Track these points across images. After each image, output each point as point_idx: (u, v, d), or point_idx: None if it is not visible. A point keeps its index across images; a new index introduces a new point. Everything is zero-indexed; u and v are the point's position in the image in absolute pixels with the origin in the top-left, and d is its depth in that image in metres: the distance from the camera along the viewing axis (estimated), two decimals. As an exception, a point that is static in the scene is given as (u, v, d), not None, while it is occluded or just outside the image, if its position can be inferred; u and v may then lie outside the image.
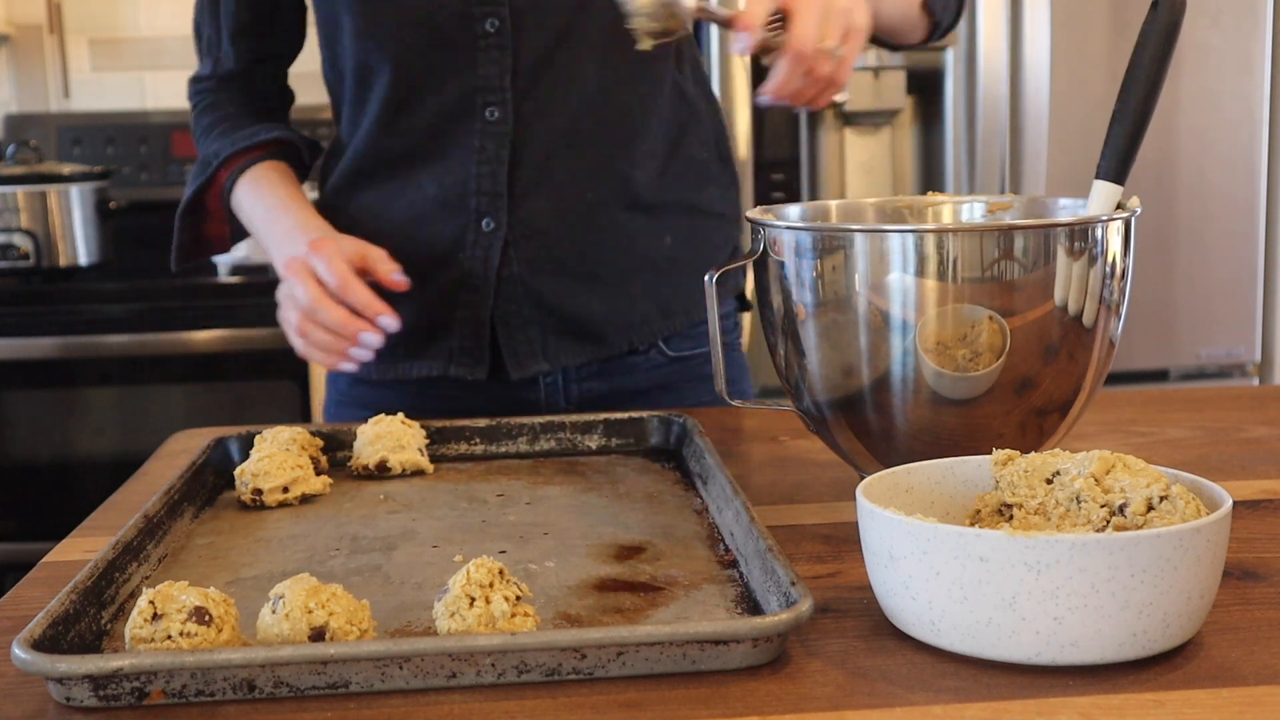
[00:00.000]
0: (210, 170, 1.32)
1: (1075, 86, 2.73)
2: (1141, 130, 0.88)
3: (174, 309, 2.74)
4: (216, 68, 1.36)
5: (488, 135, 1.25)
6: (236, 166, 1.32)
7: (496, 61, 1.24)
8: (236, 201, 1.32)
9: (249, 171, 1.31)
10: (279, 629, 0.67)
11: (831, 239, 0.87)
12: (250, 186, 1.31)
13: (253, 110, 1.37)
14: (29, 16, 3.22)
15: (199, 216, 1.37)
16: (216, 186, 1.33)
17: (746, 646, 0.66)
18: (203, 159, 1.34)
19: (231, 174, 1.32)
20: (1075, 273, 0.85)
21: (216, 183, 1.33)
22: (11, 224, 2.83)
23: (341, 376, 1.38)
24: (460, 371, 1.29)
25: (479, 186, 1.26)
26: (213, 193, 1.34)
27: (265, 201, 1.30)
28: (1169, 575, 0.64)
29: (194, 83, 1.38)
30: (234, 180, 1.31)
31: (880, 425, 0.89)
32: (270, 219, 1.28)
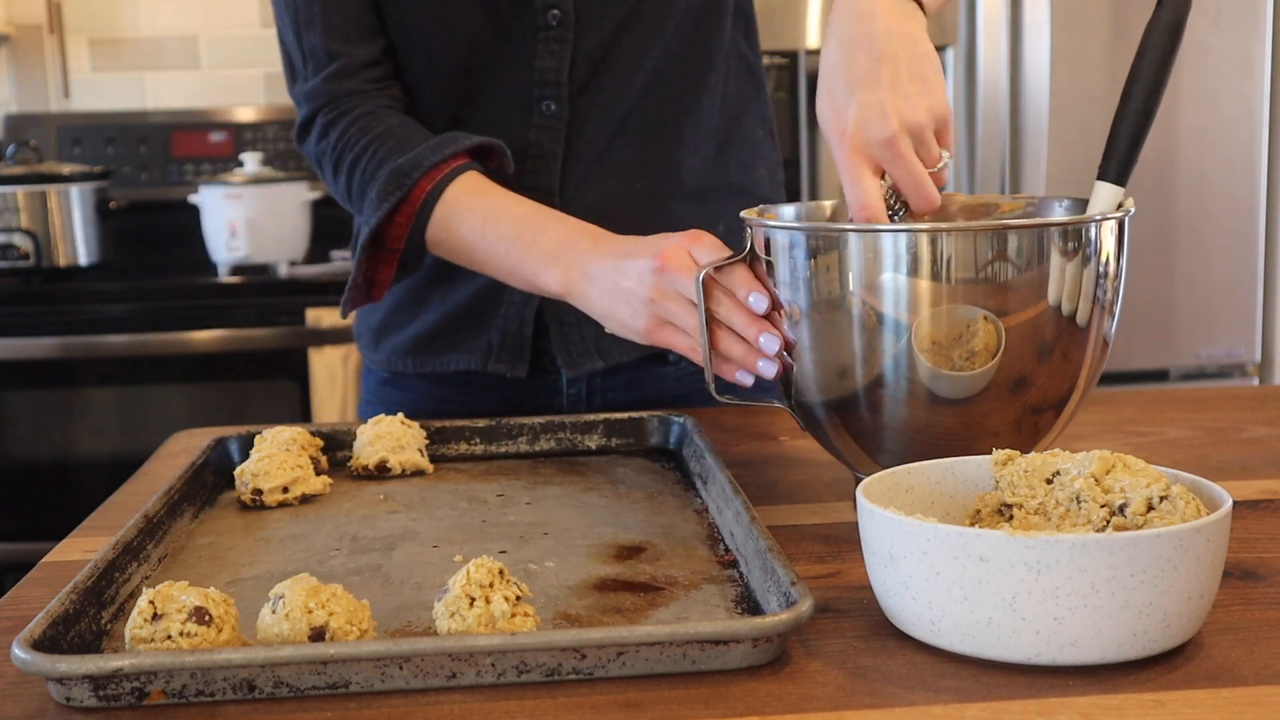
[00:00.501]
0: (408, 185, 1.13)
1: (1075, 86, 2.73)
2: (1144, 131, 0.88)
3: (174, 309, 2.74)
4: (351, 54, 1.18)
5: (543, 130, 1.22)
6: (440, 178, 1.13)
7: (555, 55, 1.20)
8: (450, 220, 1.13)
9: (457, 184, 1.13)
10: (279, 629, 0.67)
11: (825, 238, 0.87)
12: (471, 200, 1.13)
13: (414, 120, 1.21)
14: (29, 16, 3.22)
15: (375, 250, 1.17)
16: (411, 204, 1.13)
17: (746, 646, 0.66)
18: (393, 173, 1.13)
19: (435, 186, 1.13)
20: (1069, 273, 0.85)
21: (413, 200, 1.13)
22: (11, 224, 2.83)
23: (371, 375, 1.37)
24: (499, 368, 1.26)
25: (532, 182, 1.22)
26: (402, 215, 1.14)
27: (507, 211, 1.11)
28: (1169, 575, 0.64)
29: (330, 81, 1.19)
30: (438, 194, 1.13)
31: (874, 425, 0.89)
32: (529, 230, 1.09)
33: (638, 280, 0.98)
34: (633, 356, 1.28)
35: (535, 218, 1.10)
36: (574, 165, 1.24)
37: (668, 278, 0.96)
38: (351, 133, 1.18)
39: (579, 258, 1.04)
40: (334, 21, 1.18)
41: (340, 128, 1.18)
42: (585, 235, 1.07)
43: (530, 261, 1.08)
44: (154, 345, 2.73)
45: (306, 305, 2.72)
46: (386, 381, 1.35)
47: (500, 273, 1.12)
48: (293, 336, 2.73)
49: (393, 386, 1.35)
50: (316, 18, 1.18)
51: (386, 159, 1.15)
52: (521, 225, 1.10)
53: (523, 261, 1.09)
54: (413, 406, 1.32)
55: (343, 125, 1.18)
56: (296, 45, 1.20)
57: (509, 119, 1.22)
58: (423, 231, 1.14)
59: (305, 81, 1.20)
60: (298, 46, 1.20)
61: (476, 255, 1.13)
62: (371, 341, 1.35)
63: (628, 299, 0.99)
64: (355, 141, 1.17)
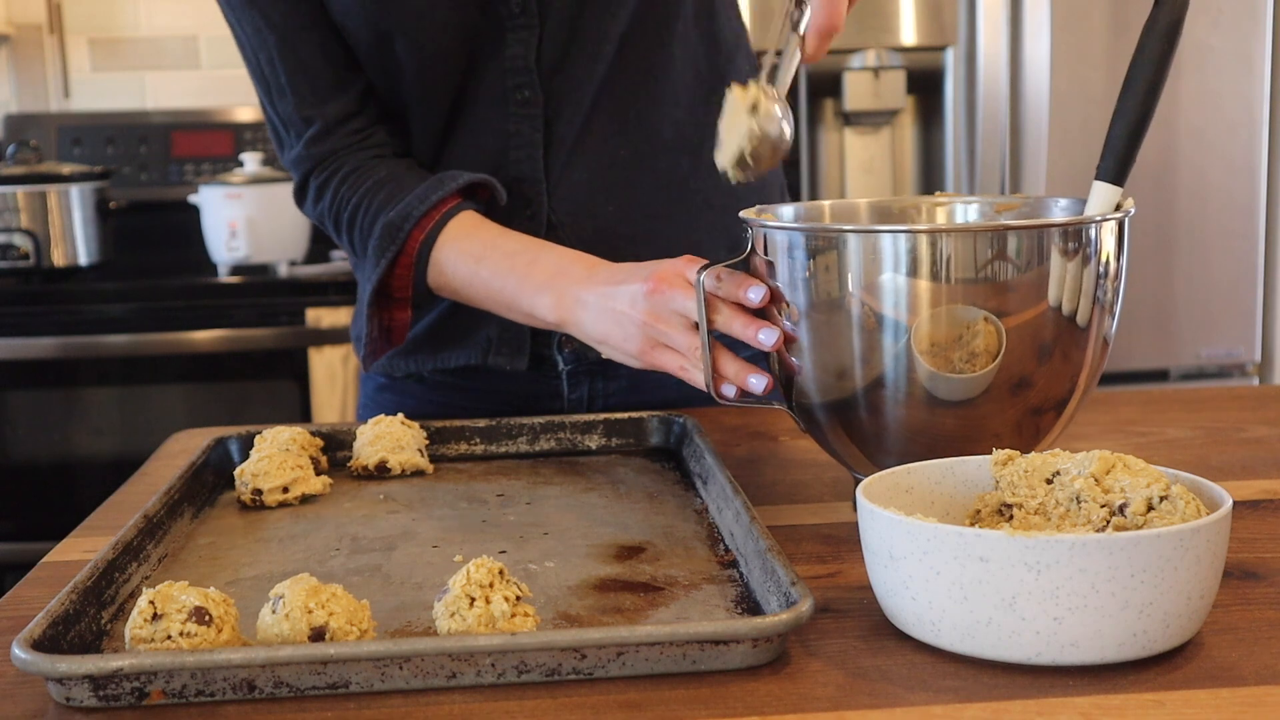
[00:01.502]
0: (402, 237, 1.15)
1: (1075, 86, 2.73)
2: (1142, 131, 0.88)
3: (174, 309, 2.74)
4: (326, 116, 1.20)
5: (521, 119, 1.21)
6: (431, 226, 1.15)
7: (524, 41, 1.20)
8: (445, 263, 1.15)
9: (450, 227, 1.15)
10: (279, 629, 0.67)
11: (824, 239, 0.87)
12: (463, 241, 1.15)
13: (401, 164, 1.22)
14: (29, 16, 3.22)
15: (383, 301, 1.19)
16: (409, 255, 1.16)
17: (746, 646, 0.66)
18: (386, 228, 1.15)
19: (428, 235, 1.15)
20: (1069, 273, 0.85)
21: (409, 251, 1.16)
22: (11, 224, 2.83)
23: (369, 380, 1.36)
24: (499, 361, 1.26)
25: (518, 173, 1.22)
26: (401, 267, 1.17)
27: (499, 246, 1.13)
28: (1169, 575, 0.64)
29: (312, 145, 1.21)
30: (432, 241, 1.15)
31: (874, 427, 0.89)
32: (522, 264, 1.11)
33: (630, 303, 0.99)
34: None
35: (528, 252, 1.12)
36: (556, 148, 1.23)
37: (661, 299, 0.97)
38: (343, 191, 1.20)
39: (571, 286, 1.06)
40: (301, 87, 1.20)
41: (332, 188, 1.21)
42: (578, 263, 1.08)
43: (524, 293, 1.10)
44: (154, 345, 2.73)
45: (306, 305, 2.72)
46: (384, 387, 1.35)
47: (499, 307, 1.14)
48: (293, 336, 2.73)
49: (390, 391, 1.34)
50: (285, 87, 1.20)
51: (380, 213, 1.17)
52: (515, 260, 1.11)
53: (518, 294, 1.10)
54: (411, 411, 1.32)
55: (334, 185, 1.21)
56: (275, 115, 1.23)
57: (488, 112, 1.22)
58: (424, 278, 1.17)
59: (290, 149, 1.23)
60: (276, 116, 1.22)
61: (475, 294, 1.15)
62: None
63: (621, 322, 1.00)
64: (348, 200, 1.20)
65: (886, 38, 2.82)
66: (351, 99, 1.21)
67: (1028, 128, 2.76)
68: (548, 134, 1.23)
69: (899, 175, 3.03)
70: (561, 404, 1.30)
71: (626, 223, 1.25)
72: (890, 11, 2.81)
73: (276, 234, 2.84)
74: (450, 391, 1.32)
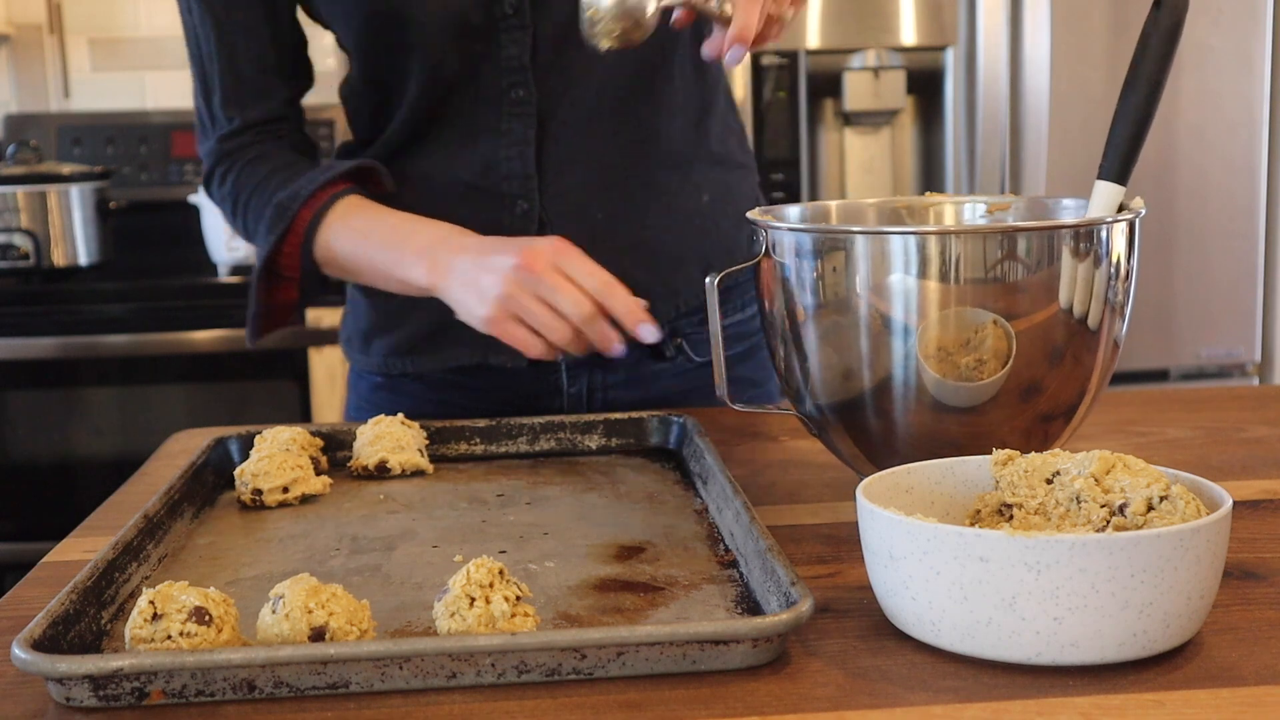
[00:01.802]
0: (290, 215, 1.20)
1: (1075, 86, 2.73)
2: (1144, 131, 0.88)
3: (174, 309, 2.74)
4: (246, 118, 1.26)
5: (514, 117, 1.23)
6: (319, 206, 1.20)
7: (517, 41, 1.22)
8: (331, 241, 1.20)
9: (336, 208, 1.20)
10: (279, 629, 0.67)
11: (832, 240, 0.86)
12: (351, 219, 1.19)
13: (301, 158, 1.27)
14: (29, 16, 3.22)
15: (271, 279, 1.24)
16: (296, 235, 1.20)
17: (746, 646, 0.66)
18: (276, 207, 1.20)
19: (315, 214, 1.20)
20: (1080, 274, 0.84)
21: (296, 230, 1.20)
22: (11, 224, 2.83)
23: (362, 380, 1.37)
24: (500, 359, 1.27)
25: (509, 170, 1.24)
26: (289, 245, 1.21)
27: (383, 222, 1.19)
28: (1169, 575, 0.64)
29: (224, 140, 1.26)
30: (319, 220, 1.20)
31: (881, 430, 0.89)
32: (402, 235, 1.16)
33: (497, 275, 1.06)
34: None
35: (408, 224, 1.18)
36: (551, 147, 1.25)
37: (527, 276, 1.04)
38: (244, 178, 1.26)
39: (445, 254, 1.12)
40: (229, 88, 1.25)
41: (234, 174, 1.26)
42: (455, 234, 1.14)
43: (402, 263, 1.15)
44: (154, 345, 2.73)
45: (307, 305, 2.72)
46: (380, 386, 1.35)
47: (378, 279, 1.19)
48: (293, 336, 2.73)
49: (387, 391, 1.34)
50: (215, 85, 1.26)
51: (273, 195, 1.22)
52: (395, 232, 1.17)
53: (395, 263, 1.16)
54: (409, 410, 1.32)
55: (236, 171, 1.26)
56: (204, 107, 1.28)
57: (480, 110, 1.24)
58: (311, 256, 1.21)
59: (207, 140, 1.28)
60: (204, 106, 1.28)
61: (359, 267, 1.20)
62: (361, 345, 1.35)
63: (481, 290, 1.07)
64: (246, 184, 1.25)
65: (886, 38, 2.82)
66: (274, 105, 1.27)
67: (1028, 128, 2.77)
68: (541, 132, 1.24)
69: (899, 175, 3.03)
70: (561, 399, 1.30)
71: (616, 230, 1.26)
72: (890, 11, 2.81)
73: (276, 234, 2.84)
74: (448, 390, 1.32)
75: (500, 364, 1.27)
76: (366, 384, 1.36)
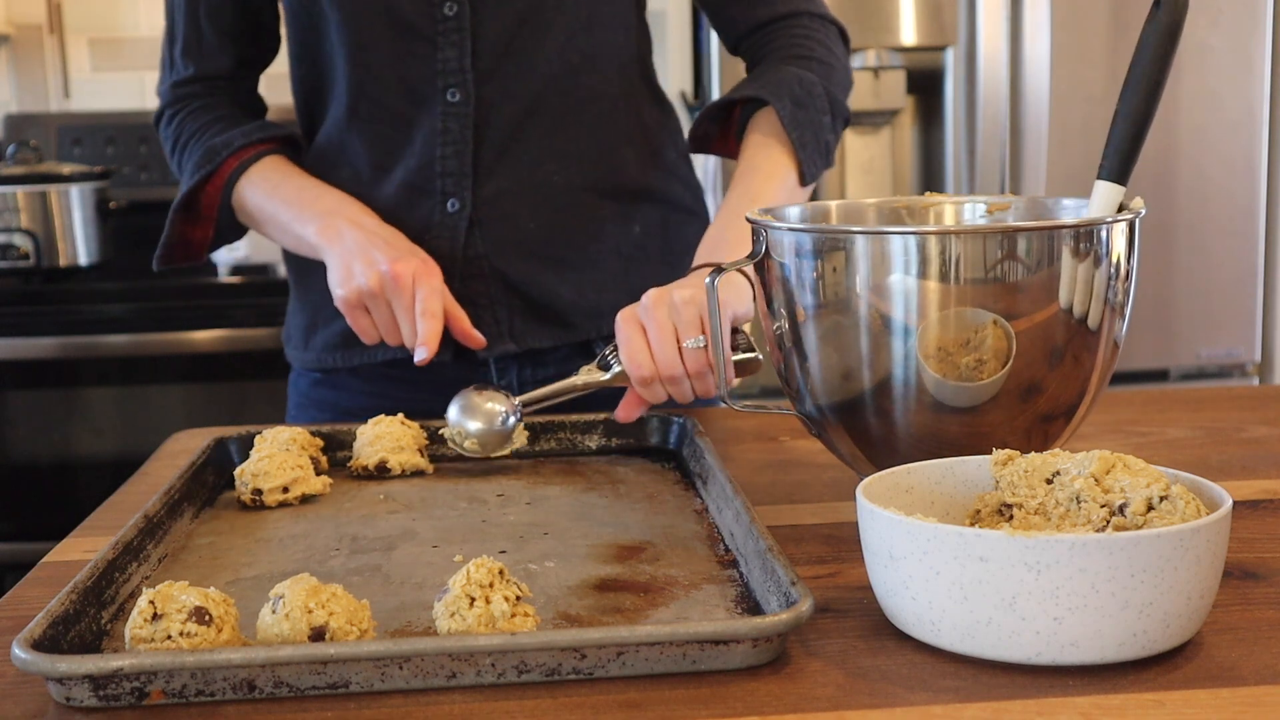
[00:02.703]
0: (218, 159, 1.30)
1: (1075, 86, 2.73)
2: (1143, 131, 0.88)
3: (174, 309, 2.74)
4: (201, 70, 1.35)
5: (450, 116, 1.27)
6: (247, 158, 1.30)
7: (456, 45, 1.26)
8: (246, 189, 1.29)
9: (261, 162, 1.30)
10: (279, 629, 0.67)
11: (832, 240, 0.86)
12: (269, 173, 1.29)
13: (244, 113, 1.37)
14: (29, 16, 3.22)
15: (190, 214, 1.34)
16: (220, 178, 1.30)
17: (746, 646, 0.66)
18: (207, 150, 1.31)
19: (242, 164, 1.30)
20: (1080, 274, 0.84)
21: (221, 173, 1.30)
22: (11, 224, 2.83)
23: (302, 378, 1.41)
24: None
25: (444, 168, 1.28)
26: (212, 186, 1.31)
27: (296, 181, 1.28)
28: (1169, 575, 0.64)
29: (177, 86, 1.36)
30: (243, 169, 1.29)
31: (881, 430, 0.89)
32: (309, 196, 1.26)
33: (368, 266, 1.15)
34: (547, 344, 1.31)
35: (316, 189, 1.27)
36: (485, 151, 1.28)
37: (390, 282, 1.14)
38: (187, 121, 1.35)
39: (339, 220, 1.21)
40: (190, 40, 1.35)
41: (179, 117, 1.35)
42: (354, 207, 1.24)
43: (300, 219, 1.24)
44: (154, 345, 2.73)
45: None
46: (319, 383, 1.38)
47: (277, 231, 1.29)
48: (293, 336, 2.73)
49: (325, 387, 1.37)
50: (178, 34, 1.36)
51: (207, 140, 1.32)
52: (303, 193, 1.27)
53: (295, 219, 1.25)
54: (348, 404, 1.35)
55: (182, 115, 1.35)
56: (167, 51, 1.38)
57: (416, 108, 1.28)
58: (229, 200, 1.31)
59: (164, 82, 1.38)
60: (168, 52, 1.38)
61: (263, 218, 1.29)
62: (301, 341, 1.39)
63: (352, 270, 1.16)
64: (188, 127, 1.34)
65: (886, 38, 2.82)
66: (227, 64, 1.36)
67: (1028, 128, 2.76)
68: (477, 135, 1.28)
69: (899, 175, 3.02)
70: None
71: (546, 241, 1.30)
72: (890, 11, 2.81)
73: (276, 234, 2.84)
74: (382, 382, 1.34)
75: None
76: (306, 381, 1.40)
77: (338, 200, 1.25)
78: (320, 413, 1.37)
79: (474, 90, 1.27)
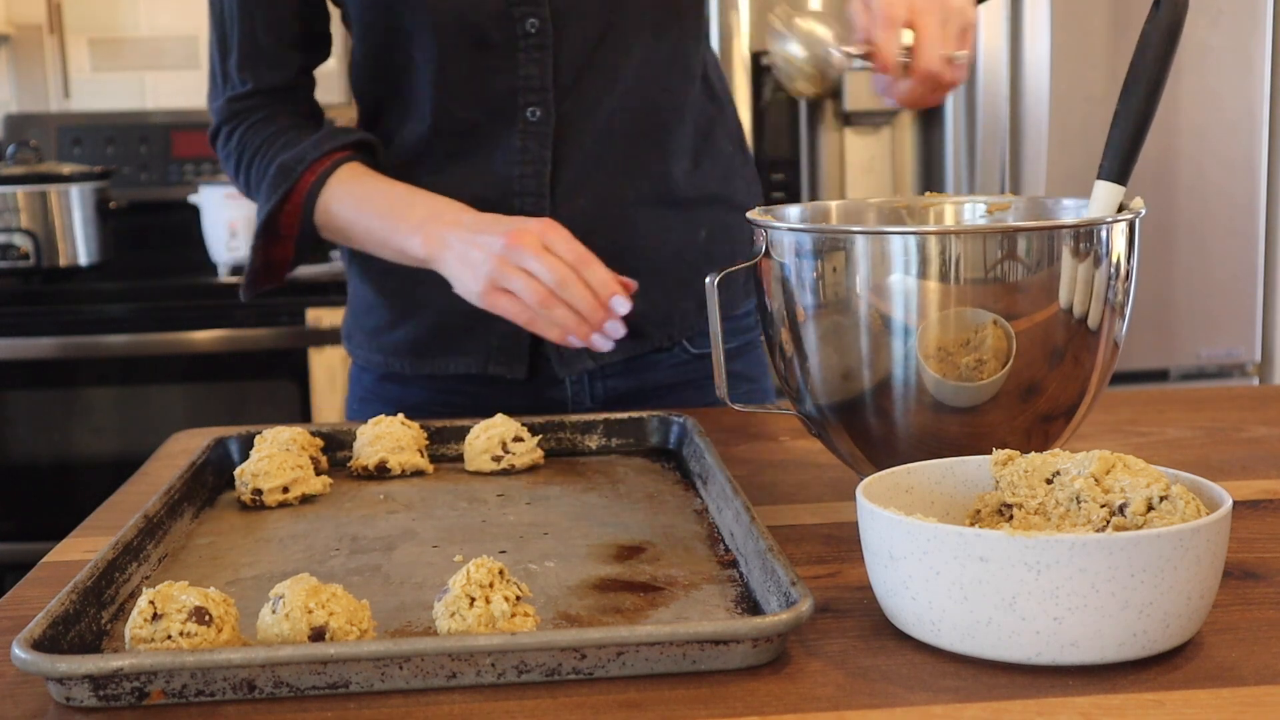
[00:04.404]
0: (294, 176, 1.23)
1: (1075, 86, 2.73)
2: (1144, 131, 0.88)
3: (174, 309, 2.74)
4: (259, 83, 1.28)
5: (530, 135, 1.25)
6: (323, 170, 1.24)
7: (538, 61, 1.23)
8: (332, 204, 1.23)
9: (339, 173, 1.24)
10: (279, 629, 0.67)
11: (832, 240, 0.86)
12: (352, 185, 1.23)
13: (306, 122, 1.31)
14: (29, 16, 3.22)
15: (269, 236, 1.27)
16: (298, 195, 1.24)
17: (746, 646, 0.66)
18: (280, 167, 1.24)
19: (319, 177, 1.23)
20: (1080, 274, 0.84)
21: (299, 190, 1.24)
22: (11, 224, 2.83)
23: (366, 373, 1.38)
24: (499, 370, 1.29)
25: (522, 187, 1.25)
26: (290, 204, 1.24)
27: (382, 190, 1.22)
28: (1169, 575, 0.64)
29: (234, 101, 1.29)
30: (321, 183, 1.23)
31: (881, 430, 0.89)
32: (401, 205, 1.20)
33: (487, 249, 1.10)
34: (620, 356, 1.30)
35: (407, 196, 1.21)
36: (564, 170, 1.26)
37: (514, 252, 1.08)
38: (249, 136, 1.29)
39: (441, 228, 1.15)
40: (247, 51, 1.28)
41: (240, 132, 1.29)
42: (450, 209, 1.18)
43: (399, 232, 1.19)
44: (154, 345, 2.73)
45: (306, 305, 2.73)
46: (384, 378, 1.36)
47: (374, 246, 1.23)
48: (293, 336, 2.73)
49: (392, 383, 1.35)
50: (233, 46, 1.28)
51: (277, 155, 1.26)
52: (394, 203, 1.21)
53: (393, 233, 1.19)
54: (414, 402, 1.33)
55: (242, 130, 1.29)
56: (219, 65, 1.30)
57: (495, 126, 1.25)
58: (311, 217, 1.24)
59: (218, 98, 1.31)
60: (219, 65, 1.31)
61: (355, 233, 1.23)
62: (364, 341, 1.36)
63: (474, 264, 1.11)
64: (251, 143, 1.28)
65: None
66: (288, 74, 1.30)
67: (1028, 128, 2.76)
68: (556, 153, 1.25)
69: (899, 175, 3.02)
70: (564, 392, 1.32)
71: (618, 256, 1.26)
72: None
73: (276, 234, 2.84)
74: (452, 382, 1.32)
75: (499, 374, 1.29)
76: (370, 376, 1.37)
77: (430, 204, 1.19)
78: (385, 407, 1.33)
79: (554, 108, 1.24)
